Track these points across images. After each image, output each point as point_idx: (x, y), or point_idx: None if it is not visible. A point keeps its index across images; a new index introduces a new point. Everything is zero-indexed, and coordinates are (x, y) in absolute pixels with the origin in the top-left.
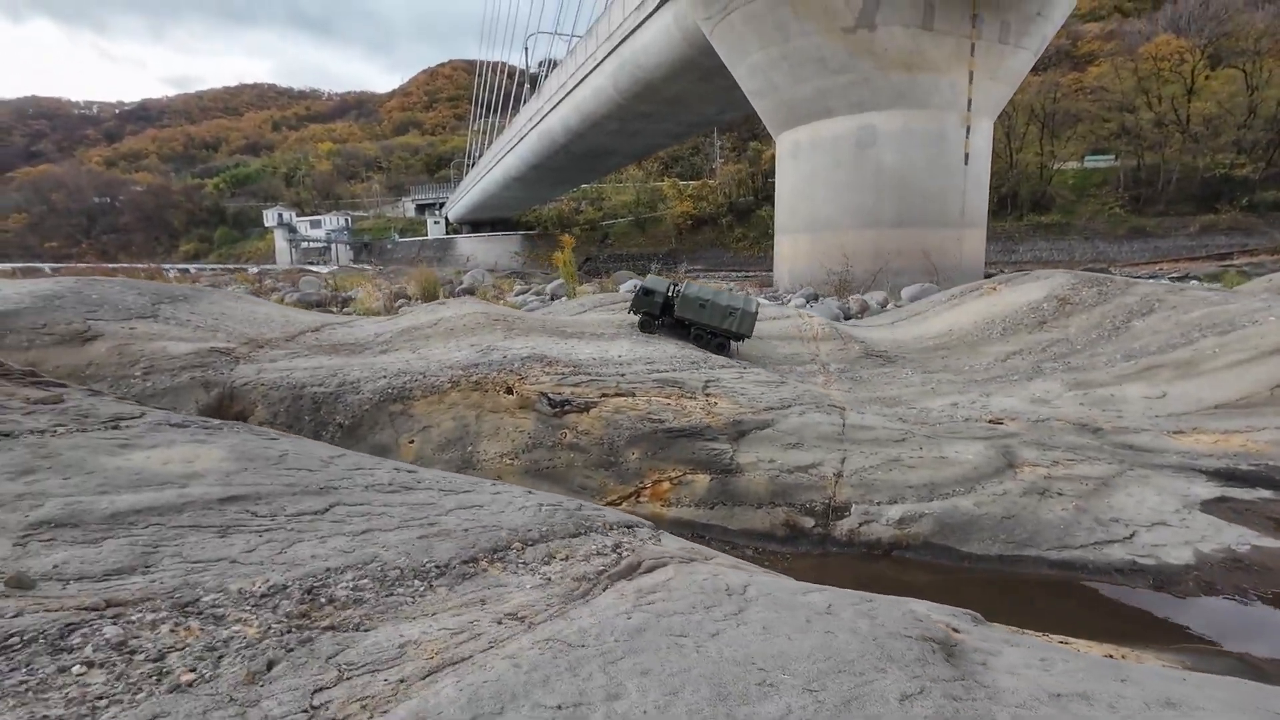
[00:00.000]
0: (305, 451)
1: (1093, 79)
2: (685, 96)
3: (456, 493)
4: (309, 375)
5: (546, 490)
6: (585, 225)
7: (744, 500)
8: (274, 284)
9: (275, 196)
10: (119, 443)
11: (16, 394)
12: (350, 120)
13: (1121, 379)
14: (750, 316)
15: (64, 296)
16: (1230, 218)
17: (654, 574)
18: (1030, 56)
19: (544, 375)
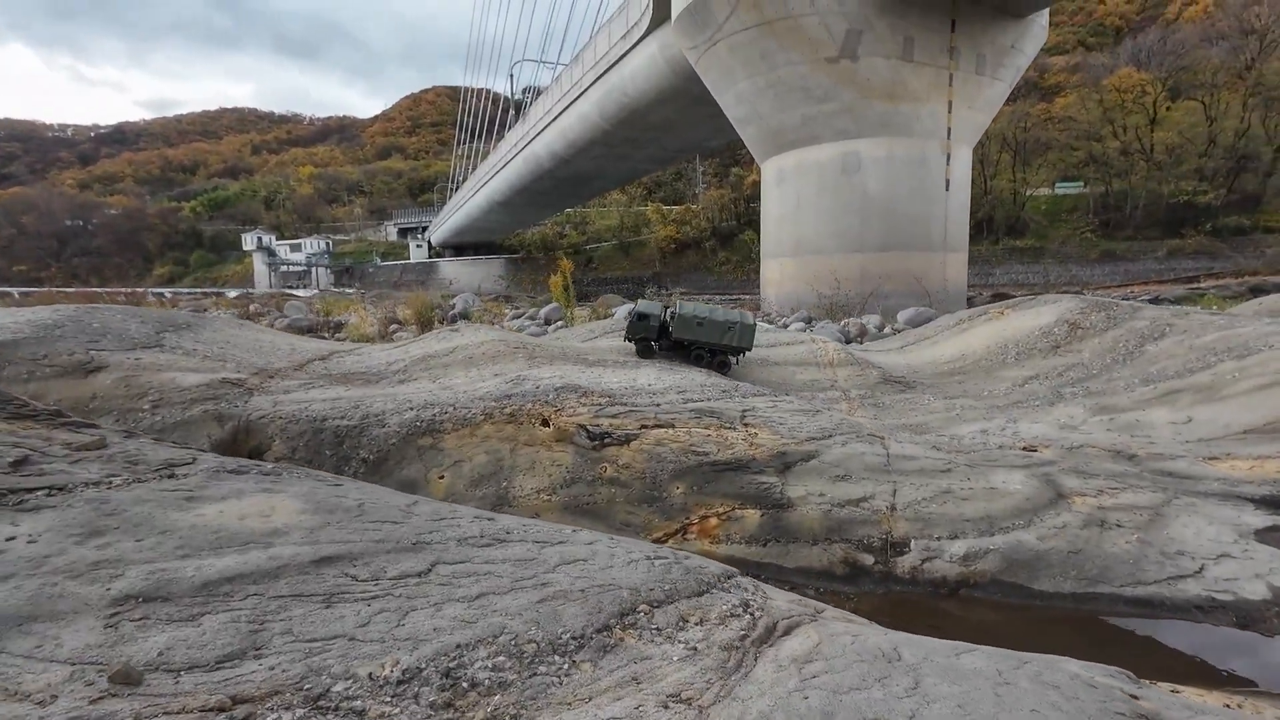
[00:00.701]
0: (380, 500)
1: (1060, 109)
2: (671, 123)
3: (551, 544)
4: (329, 407)
5: (589, 528)
6: (569, 249)
7: (798, 537)
8: (260, 309)
9: (254, 220)
10: (184, 495)
11: (54, 438)
12: (332, 144)
13: (1144, 404)
14: (749, 329)
15: (64, 326)
16: (1196, 242)
17: (794, 637)
18: (1005, 87)
19: (580, 406)
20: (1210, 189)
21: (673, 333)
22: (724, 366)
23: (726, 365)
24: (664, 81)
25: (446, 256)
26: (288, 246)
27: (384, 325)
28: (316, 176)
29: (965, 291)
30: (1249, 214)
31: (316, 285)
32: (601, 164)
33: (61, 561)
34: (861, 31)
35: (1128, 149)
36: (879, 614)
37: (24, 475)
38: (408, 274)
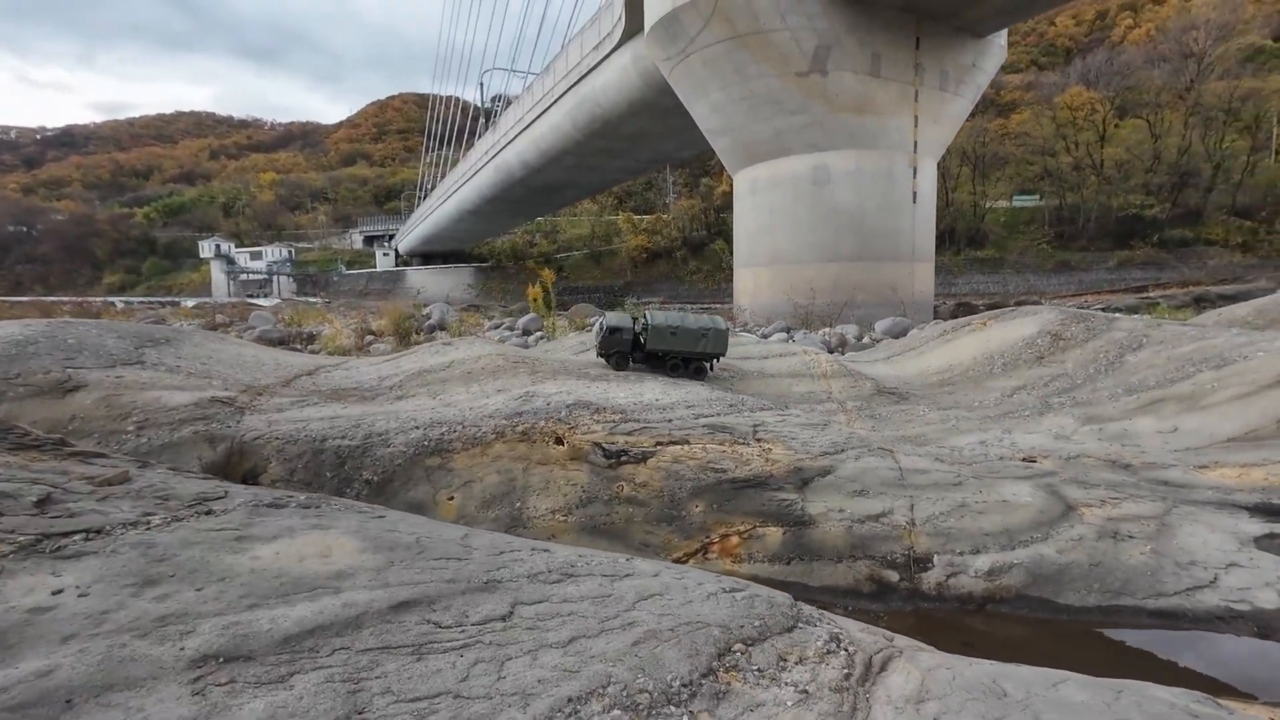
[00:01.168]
0: (435, 534)
1: (1016, 125)
2: (643, 134)
3: (619, 576)
4: (328, 427)
5: (607, 549)
6: (539, 258)
7: (821, 554)
8: (224, 319)
9: (212, 227)
10: (232, 535)
11: (70, 472)
12: (295, 150)
13: (1130, 413)
14: (723, 335)
15: (37, 342)
16: (1144, 253)
17: (894, 674)
18: (967, 103)
19: (594, 424)
20: (1156, 203)
21: (647, 344)
22: (700, 373)
23: (703, 372)
24: (636, 93)
25: (414, 265)
26: (248, 254)
27: (359, 336)
28: (278, 183)
29: (932, 300)
30: (1192, 227)
31: (278, 294)
32: (574, 173)
33: (123, 618)
34: (830, 47)
35: (1080, 164)
36: (912, 633)
37: (53, 517)
38: (374, 283)
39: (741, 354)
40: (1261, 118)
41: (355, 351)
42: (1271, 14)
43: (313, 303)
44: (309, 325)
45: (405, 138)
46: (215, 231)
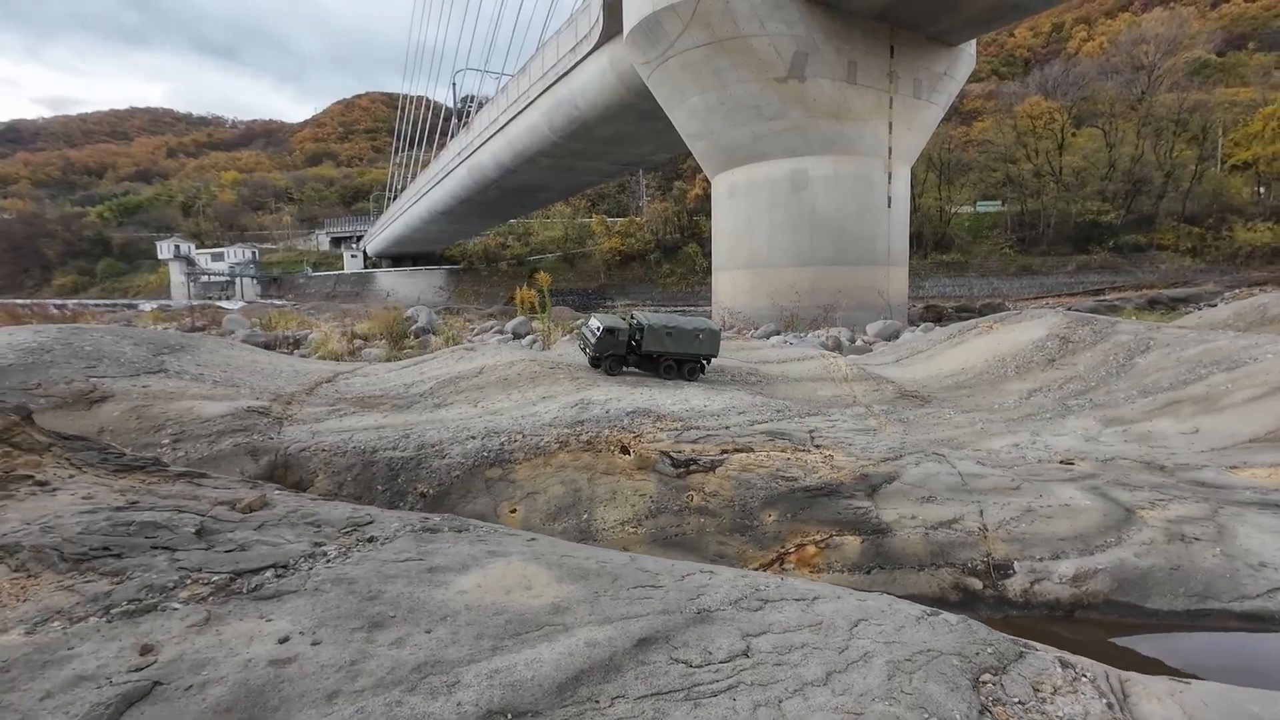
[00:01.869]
0: (606, 558)
1: (979, 133)
2: (619, 137)
3: (808, 600)
4: (376, 437)
5: (680, 559)
6: (512, 260)
7: (902, 562)
8: (195, 323)
9: (171, 227)
10: (419, 566)
11: (203, 497)
12: (258, 149)
13: (1149, 415)
14: (715, 335)
15: (53, 349)
16: (1101, 258)
17: (1148, 702)
18: (939, 111)
19: (658, 432)
20: (1111, 209)
21: (642, 346)
22: (693, 374)
23: (696, 373)
24: (614, 95)
25: (384, 267)
26: (209, 255)
27: (348, 340)
28: (240, 182)
29: (906, 303)
30: (1145, 233)
31: (241, 297)
32: (549, 175)
33: (376, 669)
34: (808, 54)
35: (1039, 171)
36: None
37: (227, 550)
38: (342, 285)
39: (760, 358)
40: (1208, 129)
41: (346, 356)
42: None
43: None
44: (287, 329)
45: (373, 137)
46: (174, 232)
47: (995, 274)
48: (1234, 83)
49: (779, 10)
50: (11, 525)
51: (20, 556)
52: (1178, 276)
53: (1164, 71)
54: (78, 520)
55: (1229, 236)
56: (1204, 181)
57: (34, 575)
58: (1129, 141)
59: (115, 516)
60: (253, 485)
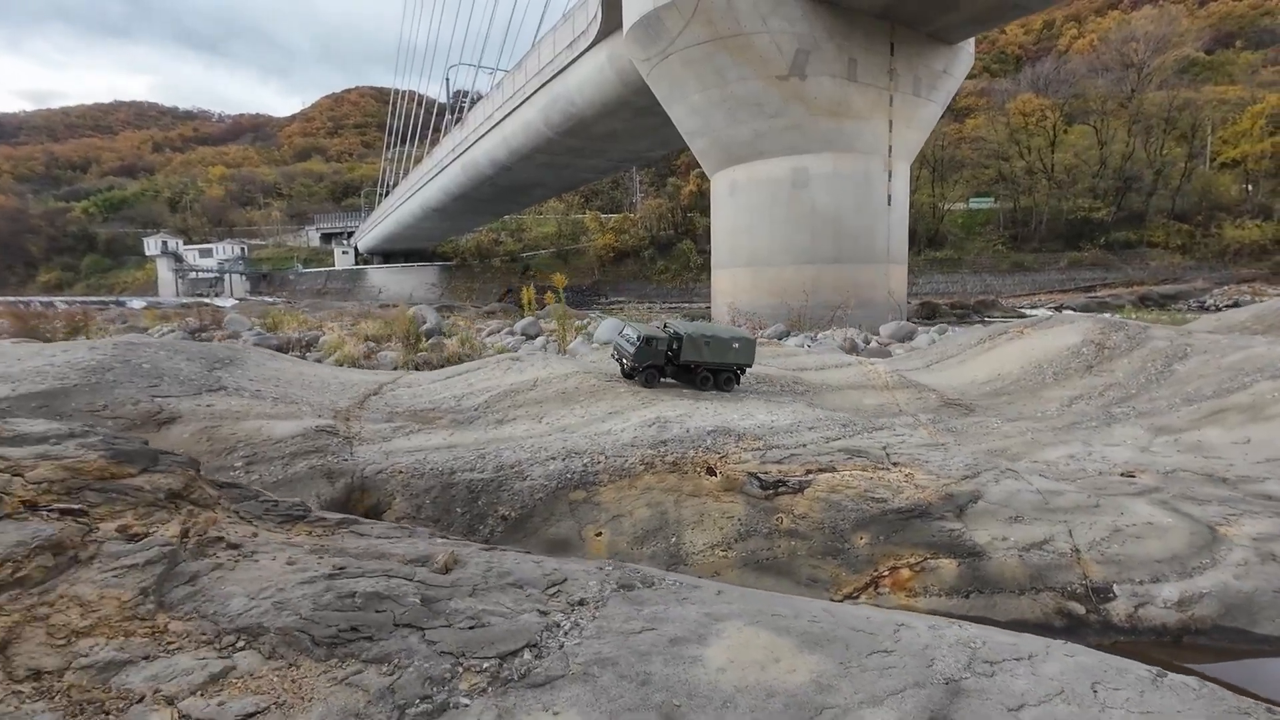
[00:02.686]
0: (815, 615)
1: (971, 130)
2: (616, 133)
3: (1025, 659)
4: (451, 458)
5: (773, 585)
6: (506, 257)
7: (1001, 586)
8: (200, 323)
9: (158, 222)
10: (661, 638)
11: (390, 554)
12: (245, 144)
13: (1196, 424)
14: (750, 344)
15: (113, 368)
16: (1092, 255)
17: None
18: (938, 108)
19: (743, 452)
20: (1103, 206)
21: (680, 355)
22: (728, 384)
23: (731, 383)
24: (612, 92)
25: (375, 264)
26: (197, 251)
27: (359, 341)
28: (228, 177)
29: (905, 301)
30: (1135, 230)
31: (230, 293)
32: (544, 172)
33: None
34: (810, 52)
35: (1032, 168)
36: None
37: (467, 627)
38: (333, 281)
39: (797, 365)
40: (1197, 127)
41: (362, 360)
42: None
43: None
44: (293, 330)
45: (363, 132)
46: (161, 227)
47: (988, 270)
48: (1222, 81)
49: (781, 7)
50: (239, 602)
51: (268, 640)
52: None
53: (1153, 69)
54: (303, 593)
55: (1218, 234)
56: (1193, 179)
57: (293, 664)
58: (1120, 139)
59: (334, 586)
60: (409, 533)
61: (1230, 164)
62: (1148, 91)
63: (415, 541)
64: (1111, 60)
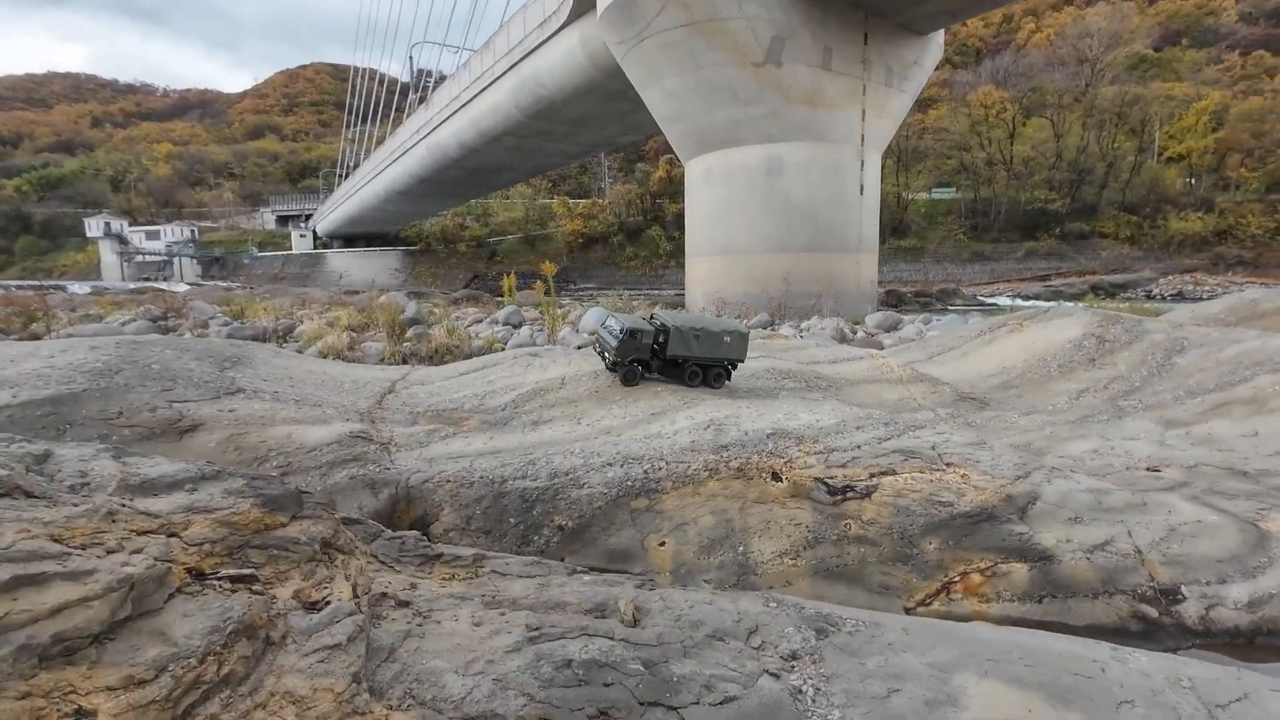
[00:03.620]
0: (1021, 647)
1: (934, 120)
2: (587, 117)
3: (1251, 696)
4: (499, 465)
5: (845, 594)
6: (471, 242)
7: (1074, 590)
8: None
9: (99, 202)
10: (914, 700)
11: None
12: (193, 120)
13: (1203, 416)
14: (743, 337)
15: (121, 369)
16: (1047, 245)
17: None
18: (909, 99)
19: (806, 456)
20: (1058, 198)
21: (667, 350)
22: (718, 381)
23: (722, 379)
24: (584, 75)
25: (335, 248)
26: (143, 234)
27: (340, 331)
28: (175, 156)
29: (876, 291)
30: (1088, 220)
31: (181, 278)
32: (513, 156)
33: None
34: (785, 39)
35: (992, 159)
36: None
37: (716, 702)
38: (290, 266)
39: (810, 359)
40: (1146, 122)
41: (345, 352)
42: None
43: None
44: (259, 318)
45: (319, 111)
46: (103, 208)
47: (950, 259)
48: (1169, 78)
49: None
50: (454, 681)
51: None
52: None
53: (1106, 65)
54: (515, 665)
55: (1163, 225)
56: (1142, 173)
57: None
58: (1074, 133)
59: (542, 653)
60: (546, 569)
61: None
62: (1101, 86)
63: (572, 583)
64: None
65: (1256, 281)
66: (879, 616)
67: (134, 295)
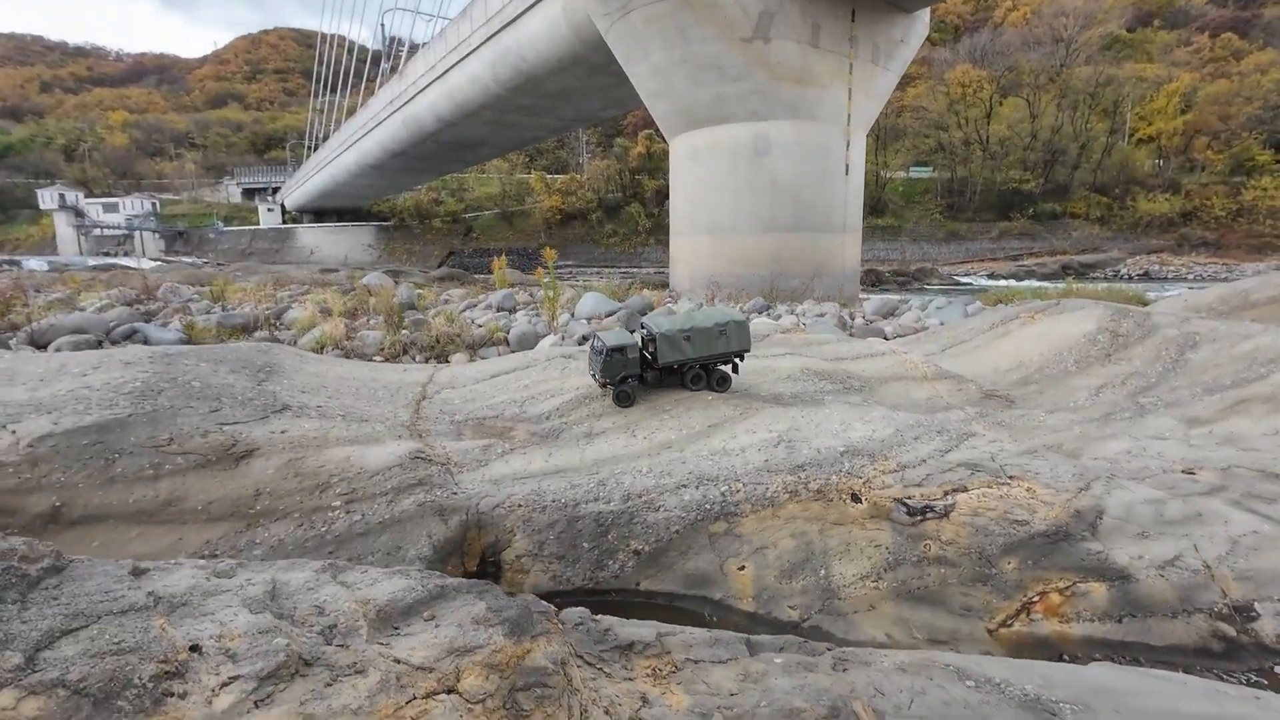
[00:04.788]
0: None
1: (912, 98)
2: (569, 92)
3: None
4: (569, 486)
5: (929, 618)
6: (447, 217)
7: (1153, 610)
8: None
9: (51, 173)
10: None
11: (801, 712)
12: (150, 86)
13: (1223, 414)
14: (743, 326)
15: (162, 389)
16: (1020, 225)
17: None
18: (894, 77)
19: (882, 475)
20: (1032, 178)
21: (659, 359)
22: (724, 382)
23: (727, 380)
24: (566, 47)
25: (305, 222)
26: (100, 206)
27: (336, 318)
28: (132, 124)
29: (859, 271)
30: (1060, 201)
31: (143, 253)
32: (490, 130)
33: None
34: (774, 14)
35: (968, 139)
36: None
37: None
38: (259, 241)
39: (833, 354)
40: (1119, 103)
41: (344, 341)
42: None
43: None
44: (238, 299)
45: (284, 79)
46: (57, 178)
47: (926, 239)
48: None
49: None
50: None
51: None
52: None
53: (1080, 44)
54: None
55: (1132, 206)
56: (1113, 154)
57: None
58: (1049, 113)
59: None
60: (750, 647)
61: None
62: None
63: (775, 671)
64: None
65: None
66: (1089, 696)
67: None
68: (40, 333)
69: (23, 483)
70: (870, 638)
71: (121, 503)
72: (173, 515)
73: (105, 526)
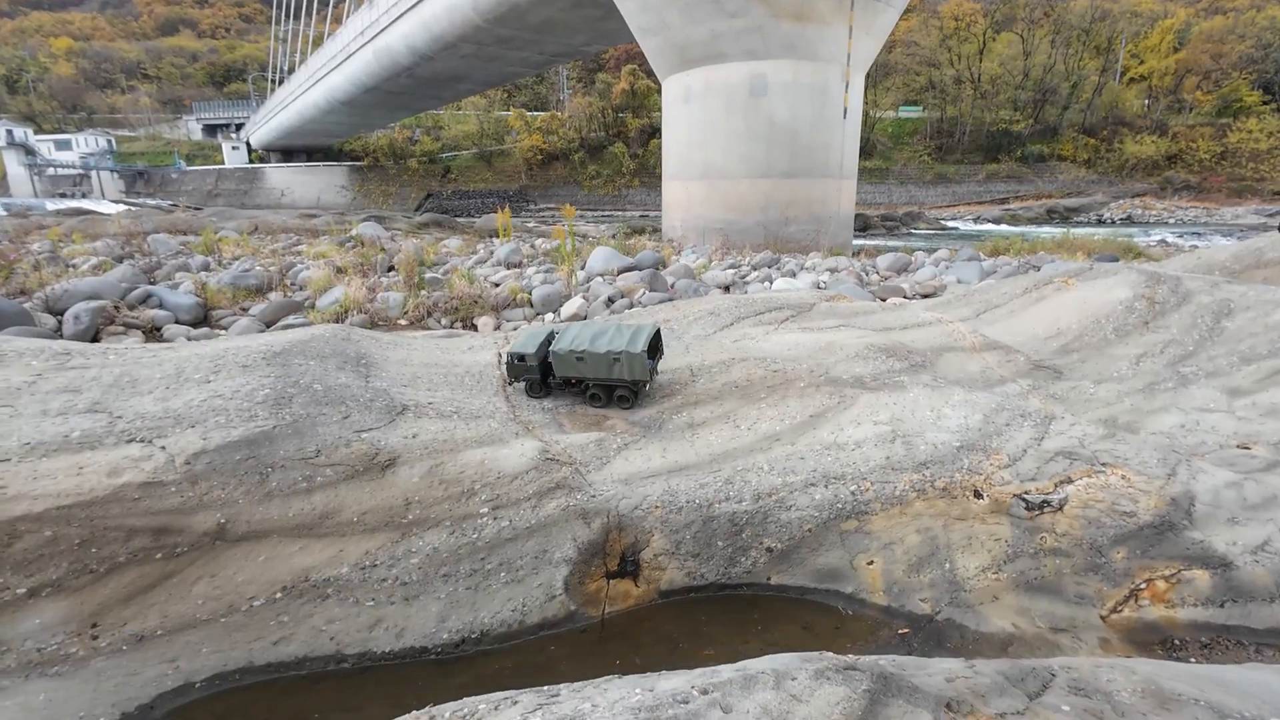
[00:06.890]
0: None
1: (904, 33)
2: (552, 24)
3: None
4: (698, 486)
5: (1047, 606)
6: (423, 157)
7: (1253, 595)
8: (125, 249)
9: None
10: None
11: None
12: (93, 11)
13: (1262, 384)
14: (638, 358)
15: (292, 396)
16: (1008, 167)
17: None
18: (896, 14)
19: (1000, 470)
20: (1021, 119)
21: (556, 371)
22: (623, 402)
23: (626, 401)
24: None
25: (273, 162)
26: (52, 143)
27: (358, 277)
28: (78, 52)
29: (853, 218)
30: (1049, 143)
31: (103, 195)
32: (470, 65)
33: None
34: None
35: (960, 77)
36: None
37: None
38: (225, 181)
39: (882, 324)
40: (1114, 39)
41: (366, 304)
42: None
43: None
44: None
45: (240, 4)
46: (1, 113)
47: (913, 181)
48: None
49: None
50: None
51: None
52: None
53: None
54: None
55: (1119, 148)
56: (1103, 93)
57: None
58: (1042, 50)
59: None
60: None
61: (1137, 79)
62: None
63: None
64: None
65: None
66: None
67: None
68: (55, 298)
69: (185, 501)
70: (999, 629)
71: (281, 517)
72: (330, 528)
73: (269, 542)
